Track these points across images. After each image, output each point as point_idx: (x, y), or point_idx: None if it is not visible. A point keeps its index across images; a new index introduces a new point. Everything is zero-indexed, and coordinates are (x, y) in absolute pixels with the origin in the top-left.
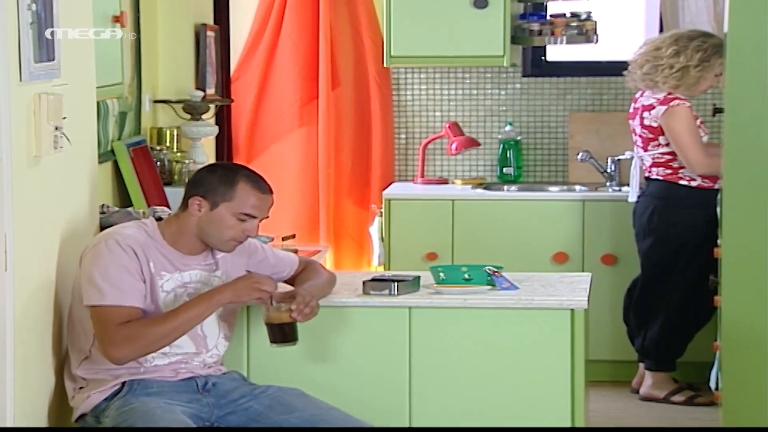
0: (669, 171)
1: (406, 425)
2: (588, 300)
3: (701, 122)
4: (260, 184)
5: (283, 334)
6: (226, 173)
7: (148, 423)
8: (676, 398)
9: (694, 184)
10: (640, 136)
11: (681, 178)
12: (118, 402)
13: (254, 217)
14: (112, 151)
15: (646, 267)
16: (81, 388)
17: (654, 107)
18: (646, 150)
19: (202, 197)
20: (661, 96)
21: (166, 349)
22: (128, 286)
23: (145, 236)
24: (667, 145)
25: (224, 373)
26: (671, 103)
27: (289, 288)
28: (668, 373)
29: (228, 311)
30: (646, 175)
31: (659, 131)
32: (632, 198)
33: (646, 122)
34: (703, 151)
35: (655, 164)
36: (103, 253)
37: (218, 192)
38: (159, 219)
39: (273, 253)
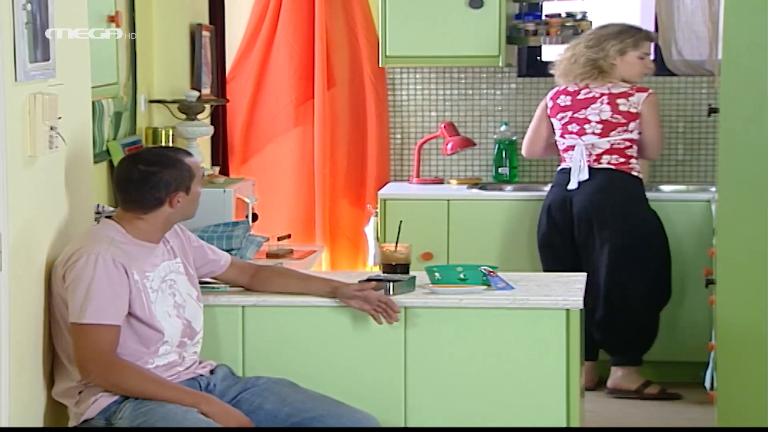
0: (622, 159)
1: (402, 425)
2: (583, 300)
3: None
4: (186, 151)
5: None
6: (172, 160)
7: (171, 423)
8: (650, 390)
9: (641, 176)
10: (605, 121)
11: (632, 169)
12: (131, 404)
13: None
14: (108, 151)
15: (607, 260)
16: (80, 392)
17: (631, 94)
18: (606, 136)
19: (177, 191)
20: (625, 87)
21: (162, 350)
22: (112, 304)
23: (121, 244)
24: (632, 131)
25: (213, 372)
26: (649, 91)
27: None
28: (638, 366)
29: (196, 279)
30: (592, 164)
31: (635, 117)
32: (574, 185)
33: (622, 108)
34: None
35: (608, 152)
36: (91, 269)
37: (184, 178)
38: (107, 217)
39: (209, 246)
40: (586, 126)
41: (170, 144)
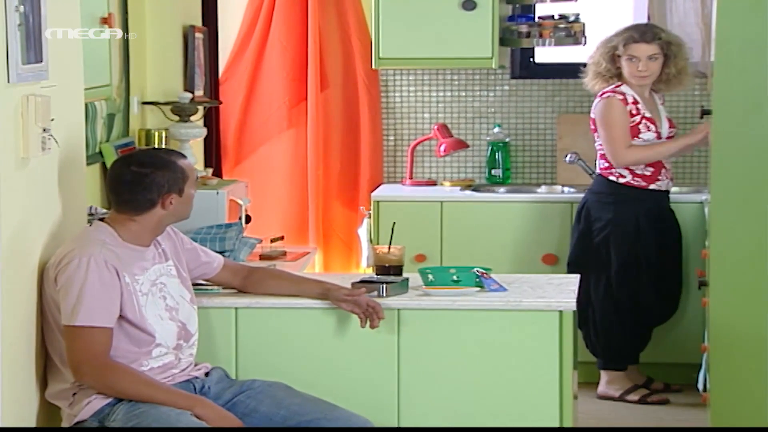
0: (606, 165)
1: (395, 426)
2: (576, 302)
3: (649, 118)
4: (180, 153)
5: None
6: (165, 162)
7: (163, 425)
8: (631, 397)
9: (622, 180)
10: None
11: (611, 174)
12: (124, 407)
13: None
14: (101, 152)
15: (571, 263)
16: (74, 394)
17: (596, 98)
18: (594, 141)
19: (169, 193)
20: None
21: (156, 352)
22: (104, 307)
23: (113, 246)
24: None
25: (208, 374)
26: (602, 96)
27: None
28: (621, 372)
29: (189, 282)
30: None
31: (595, 123)
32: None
33: (592, 113)
34: (623, 143)
35: (600, 156)
36: (83, 271)
37: (177, 180)
38: (100, 219)
39: (201, 248)
40: None
41: (163, 146)
